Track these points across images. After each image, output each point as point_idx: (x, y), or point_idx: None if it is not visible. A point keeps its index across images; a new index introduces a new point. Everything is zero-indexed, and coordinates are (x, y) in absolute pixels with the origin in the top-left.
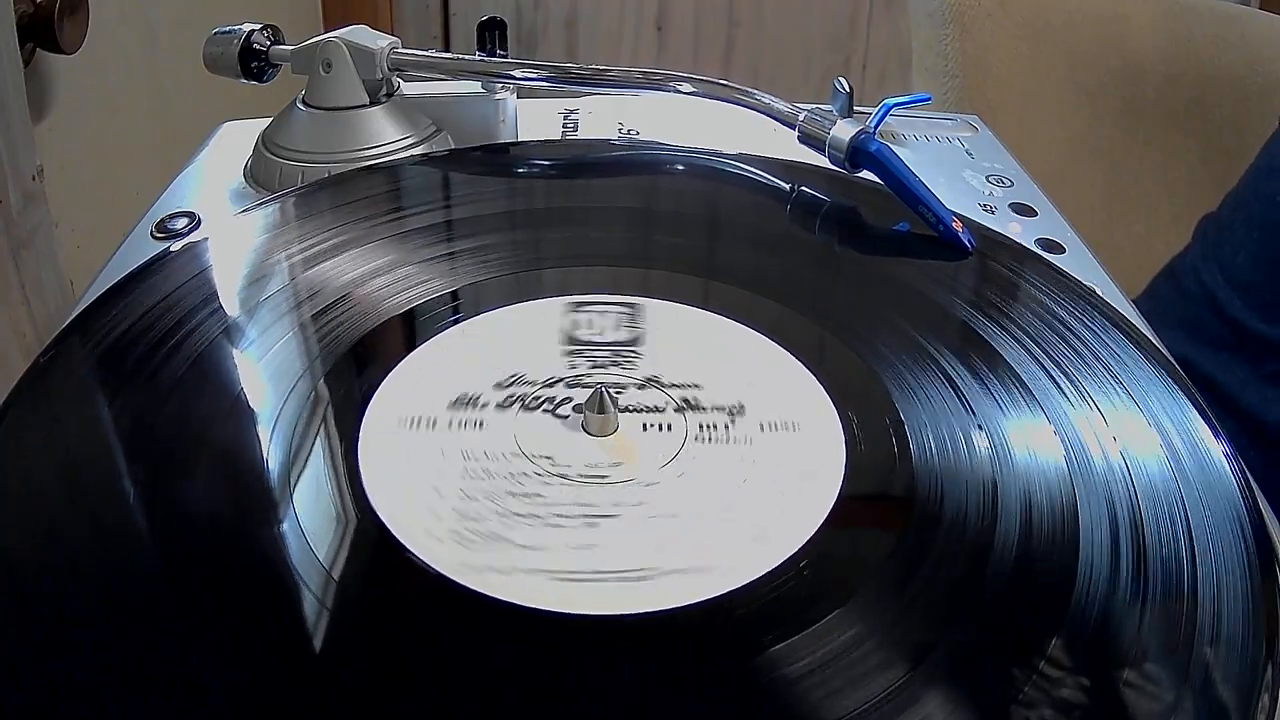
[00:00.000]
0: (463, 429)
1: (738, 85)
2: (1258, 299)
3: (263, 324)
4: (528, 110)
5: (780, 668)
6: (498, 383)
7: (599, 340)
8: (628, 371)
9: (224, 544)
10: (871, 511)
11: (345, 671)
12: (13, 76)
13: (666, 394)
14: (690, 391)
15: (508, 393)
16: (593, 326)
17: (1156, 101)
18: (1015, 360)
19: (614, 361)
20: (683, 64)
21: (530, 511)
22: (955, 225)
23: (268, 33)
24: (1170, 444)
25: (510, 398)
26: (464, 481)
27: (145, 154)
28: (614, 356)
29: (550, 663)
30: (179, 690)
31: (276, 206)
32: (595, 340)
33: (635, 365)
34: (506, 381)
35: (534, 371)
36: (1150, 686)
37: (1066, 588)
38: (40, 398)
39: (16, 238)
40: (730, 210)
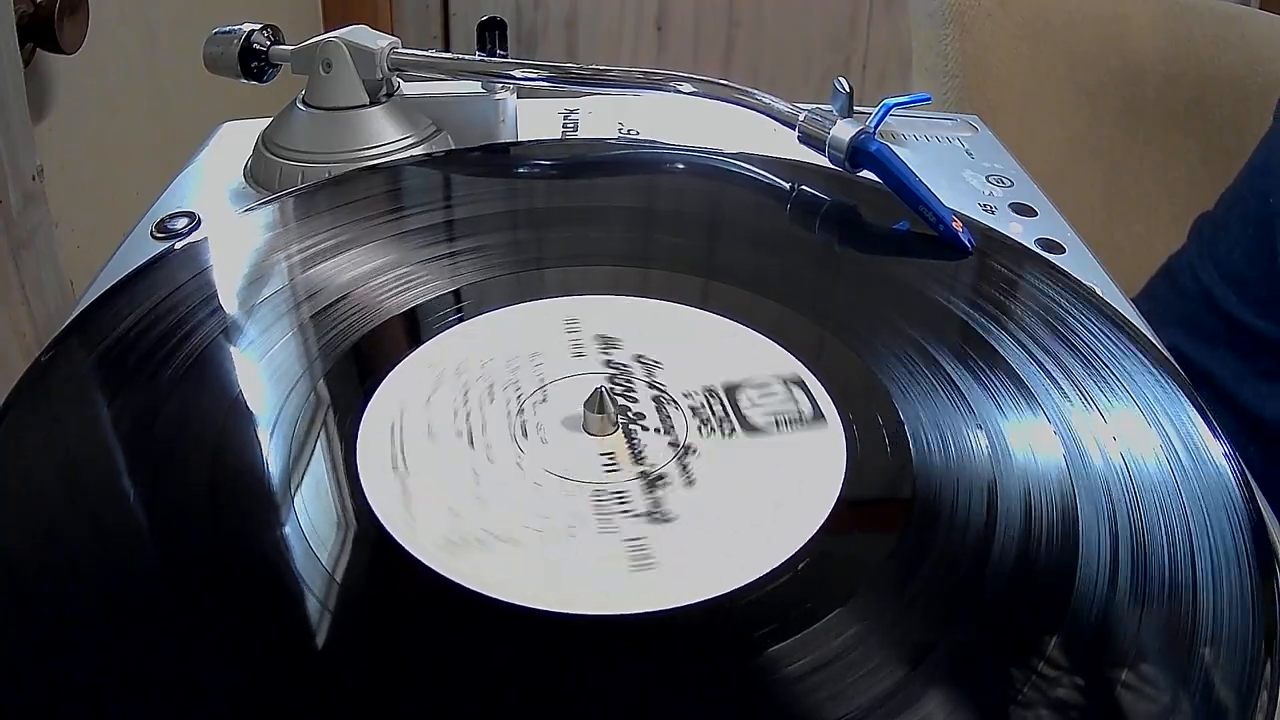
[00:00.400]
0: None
1: (738, 85)
2: (1253, 295)
3: (263, 324)
4: (528, 110)
5: (780, 668)
6: (498, 382)
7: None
8: (627, 372)
9: (223, 544)
10: (871, 511)
11: (345, 672)
12: (13, 76)
13: (666, 394)
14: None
15: (508, 392)
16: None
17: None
18: (1015, 360)
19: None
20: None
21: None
22: (955, 225)
23: (268, 33)
24: (1170, 444)
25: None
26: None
27: (145, 154)
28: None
29: (550, 663)
30: (179, 690)
31: (277, 206)
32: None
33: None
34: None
35: (533, 371)
36: (1149, 686)
37: (1066, 588)
38: (40, 398)
39: (16, 238)
40: (730, 210)
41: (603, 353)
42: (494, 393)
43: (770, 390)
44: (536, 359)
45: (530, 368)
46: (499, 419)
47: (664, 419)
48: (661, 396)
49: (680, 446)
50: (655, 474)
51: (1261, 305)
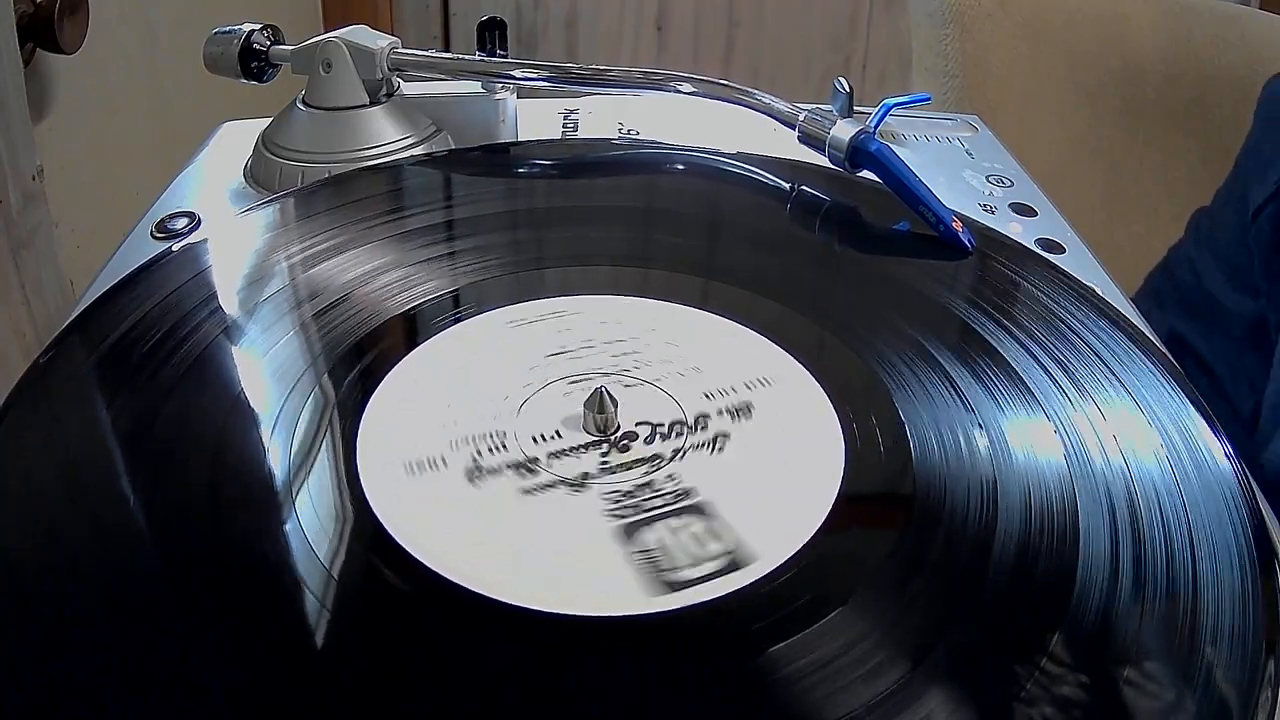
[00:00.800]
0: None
1: (738, 85)
2: (1234, 269)
3: (263, 324)
4: (528, 110)
5: (780, 668)
6: (495, 383)
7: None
8: (627, 372)
9: (223, 544)
10: (871, 511)
11: (345, 671)
12: (13, 76)
13: (666, 395)
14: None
15: (507, 391)
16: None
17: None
18: (1015, 360)
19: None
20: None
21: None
22: (955, 225)
23: (268, 33)
24: (1170, 443)
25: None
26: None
27: (145, 154)
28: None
29: (550, 663)
30: (179, 690)
31: (277, 207)
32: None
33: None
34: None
35: (528, 373)
36: (1151, 685)
37: (1066, 587)
38: (40, 398)
39: (16, 238)
40: (730, 210)
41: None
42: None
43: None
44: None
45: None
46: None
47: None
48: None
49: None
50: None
51: (1237, 276)
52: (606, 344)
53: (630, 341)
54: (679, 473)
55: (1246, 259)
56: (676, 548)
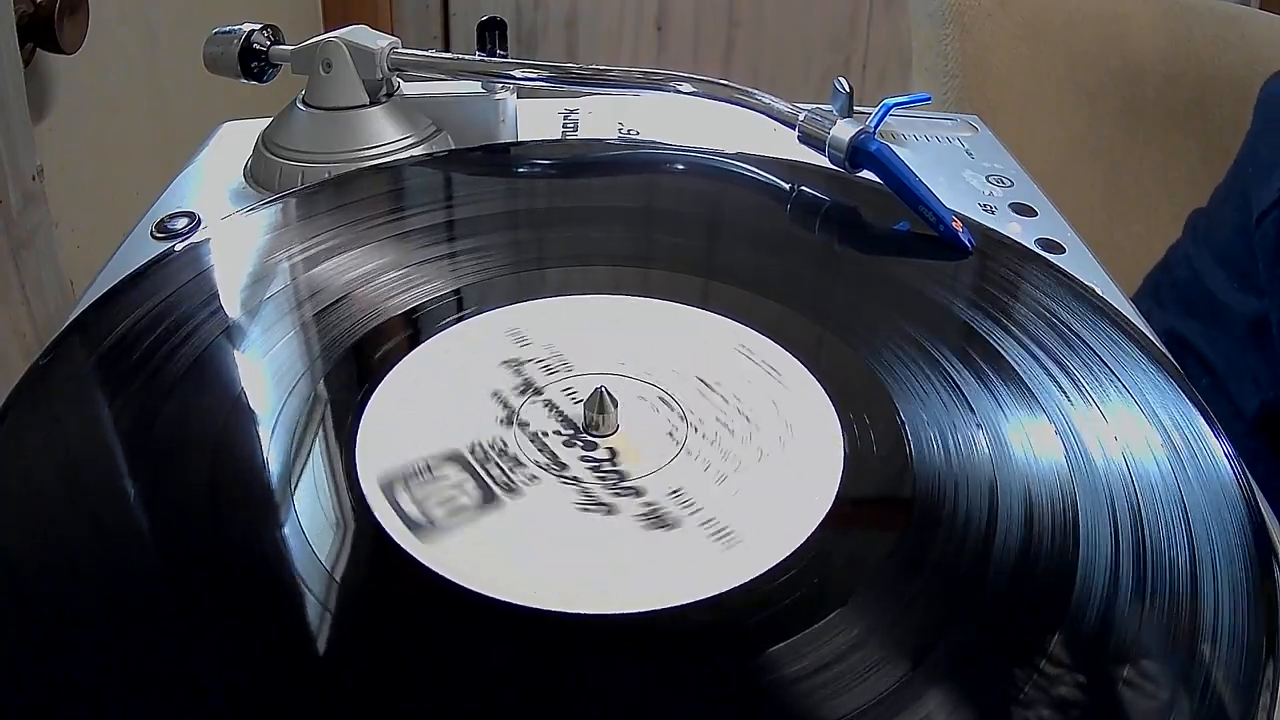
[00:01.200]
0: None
1: (738, 85)
2: (1235, 268)
3: (263, 324)
4: (528, 110)
5: (780, 668)
6: (495, 382)
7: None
8: (628, 372)
9: (223, 544)
10: (871, 511)
11: (345, 672)
12: (13, 76)
13: (666, 395)
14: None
15: (507, 391)
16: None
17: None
18: (1015, 360)
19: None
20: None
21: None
22: (955, 225)
23: (268, 33)
24: (1170, 443)
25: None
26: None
27: (145, 154)
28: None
29: (550, 663)
30: (179, 690)
31: (277, 207)
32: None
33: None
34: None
35: (528, 373)
36: (1150, 685)
37: (1066, 587)
38: (40, 398)
39: (16, 238)
40: (730, 210)
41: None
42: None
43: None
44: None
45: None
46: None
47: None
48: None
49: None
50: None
51: (1239, 275)
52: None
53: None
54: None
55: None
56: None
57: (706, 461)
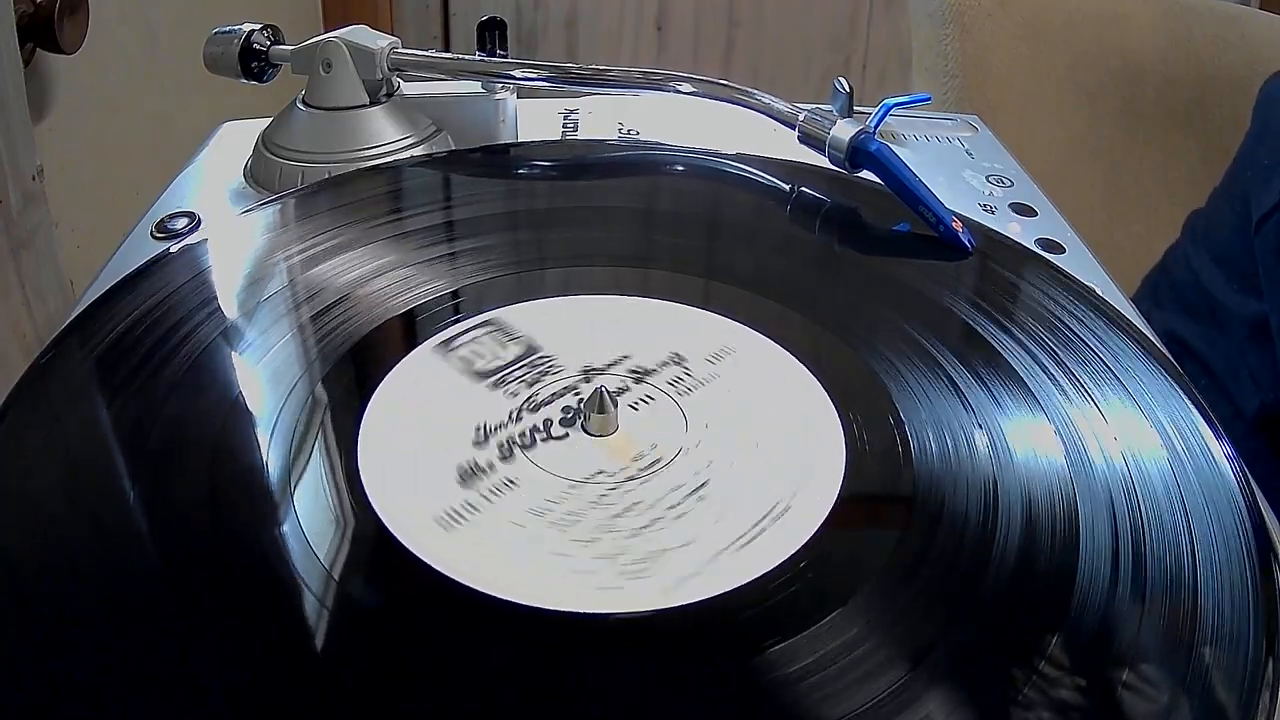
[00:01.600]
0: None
1: (738, 85)
2: (1235, 269)
3: (262, 325)
4: (528, 110)
5: (780, 668)
6: (496, 382)
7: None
8: (628, 372)
9: (223, 544)
10: (872, 511)
11: (345, 671)
12: (13, 76)
13: (667, 395)
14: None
15: (507, 391)
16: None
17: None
18: (1015, 360)
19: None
20: (683, 64)
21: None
22: (955, 225)
23: (268, 33)
24: (1170, 443)
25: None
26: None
27: (145, 154)
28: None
29: (550, 663)
30: (179, 690)
31: (277, 207)
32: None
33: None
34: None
35: (528, 373)
36: (1150, 686)
37: (1066, 588)
38: (40, 398)
39: (16, 238)
40: (730, 210)
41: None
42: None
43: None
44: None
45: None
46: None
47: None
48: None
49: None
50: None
51: (1239, 278)
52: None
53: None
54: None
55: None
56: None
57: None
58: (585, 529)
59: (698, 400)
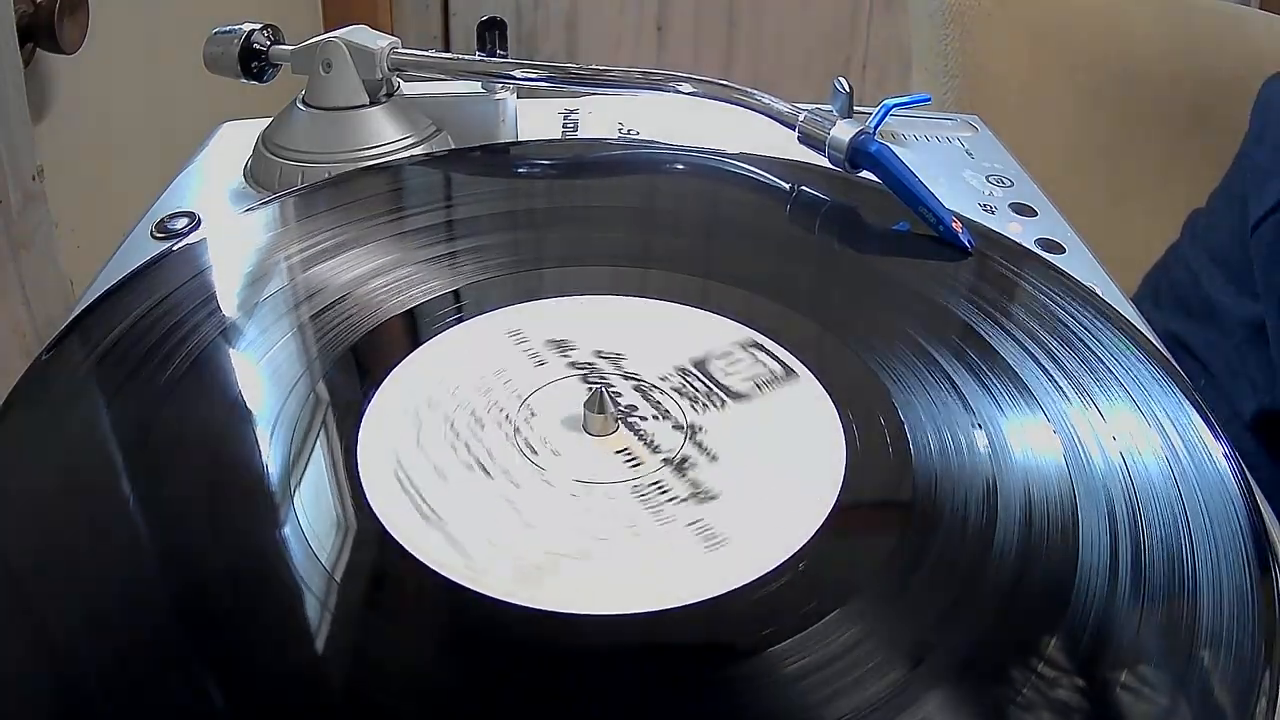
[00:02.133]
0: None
1: (738, 85)
2: (1233, 270)
3: (262, 324)
4: (528, 110)
5: (780, 668)
6: (496, 381)
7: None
8: (628, 373)
9: (223, 544)
10: (871, 511)
11: (346, 671)
12: (13, 76)
13: (667, 396)
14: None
15: (507, 391)
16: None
17: (1156, 101)
18: (1015, 360)
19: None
20: (683, 64)
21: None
22: (955, 225)
23: (268, 33)
24: (1170, 444)
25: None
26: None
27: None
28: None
29: (550, 663)
30: (179, 690)
31: (276, 207)
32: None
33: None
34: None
35: (528, 374)
36: (1149, 688)
37: (1066, 588)
38: (40, 398)
39: (16, 238)
40: (730, 210)
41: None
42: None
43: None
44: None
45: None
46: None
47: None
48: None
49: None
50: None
51: (1237, 279)
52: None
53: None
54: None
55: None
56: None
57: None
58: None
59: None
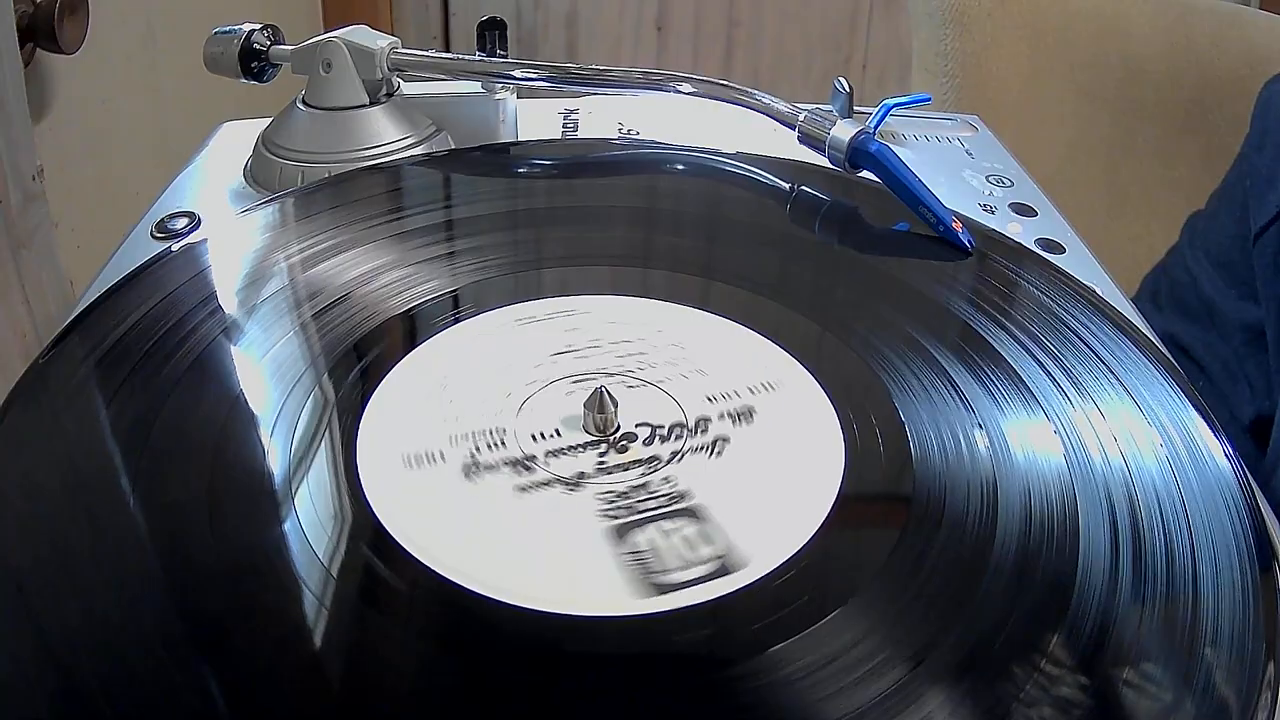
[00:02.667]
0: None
1: (738, 85)
2: (1234, 275)
3: (262, 324)
4: (528, 110)
5: (781, 668)
6: (495, 381)
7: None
8: (629, 373)
9: (223, 544)
10: (871, 511)
11: (345, 671)
12: (13, 76)
13: (667, 396)
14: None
15: (507, 391)
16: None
17: (1156, 101)
18: (1015, 360)
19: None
20: (683, 64)
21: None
22: (955, 225)
23: (268, 33)
24: (1170, 443)
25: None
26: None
27: (145, 154)
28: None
29: (549, 662)
30: (179, 690)
31: (277, 207)
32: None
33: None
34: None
35: (528, 373)
36: (1150, 686)
37: (1066, 588)
38: (40, 398)
39: (16, 238)
40: (730, 210)
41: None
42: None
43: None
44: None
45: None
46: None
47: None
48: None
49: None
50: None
51: (1238, 284)
52: (607, 344)
53: (631, 342)
54: (676, 475)
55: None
56: (667, 550)
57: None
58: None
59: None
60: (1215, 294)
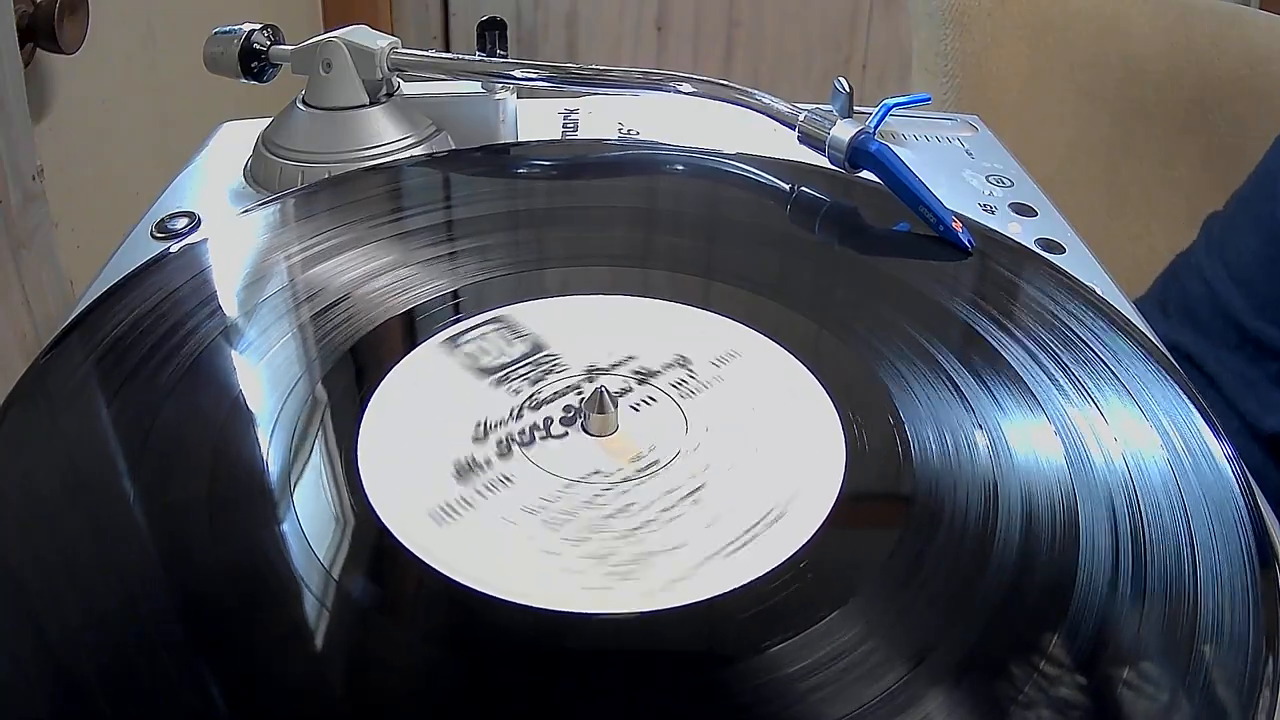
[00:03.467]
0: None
1: (738, 85)
2: (1260, 298)
3: (262, 324)
4: (528, 110)
5: (780, 668)
6: (500, 379)
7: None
8: (629, 373)
9: (224, 544)
10: (871, 511)
11: (345, 671)
12: (13, 76)
13: (667, 397)
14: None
15: (507, 390)
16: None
17: (1156, 101)
18: (1015, 360)
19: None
20: (683, 64)
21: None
22: (955, 225)
23: (268, 33)
24: (1170, 443)
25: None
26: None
27: (145, 154)
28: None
29: (550, 663)
30: (179, 690)
31: (277, 207)
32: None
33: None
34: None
35: (529, 370)
36: (1150, 686)
37: (1066, 587)
38: (40, 398)
39: (16, 238)
40: (730, 210)
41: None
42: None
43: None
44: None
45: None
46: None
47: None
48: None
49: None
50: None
51: (1266, 309)
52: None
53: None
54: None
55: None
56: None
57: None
58: (585, 529)
59: (698, 402)
60: (1238, 312)
